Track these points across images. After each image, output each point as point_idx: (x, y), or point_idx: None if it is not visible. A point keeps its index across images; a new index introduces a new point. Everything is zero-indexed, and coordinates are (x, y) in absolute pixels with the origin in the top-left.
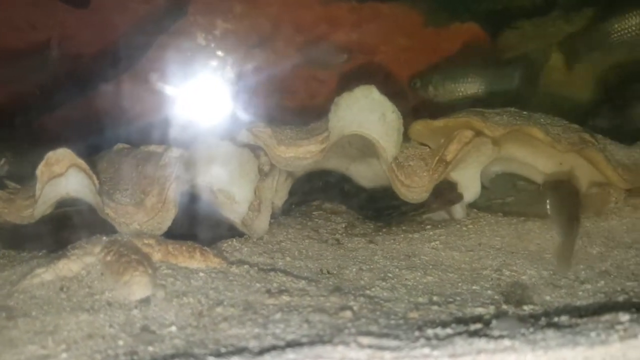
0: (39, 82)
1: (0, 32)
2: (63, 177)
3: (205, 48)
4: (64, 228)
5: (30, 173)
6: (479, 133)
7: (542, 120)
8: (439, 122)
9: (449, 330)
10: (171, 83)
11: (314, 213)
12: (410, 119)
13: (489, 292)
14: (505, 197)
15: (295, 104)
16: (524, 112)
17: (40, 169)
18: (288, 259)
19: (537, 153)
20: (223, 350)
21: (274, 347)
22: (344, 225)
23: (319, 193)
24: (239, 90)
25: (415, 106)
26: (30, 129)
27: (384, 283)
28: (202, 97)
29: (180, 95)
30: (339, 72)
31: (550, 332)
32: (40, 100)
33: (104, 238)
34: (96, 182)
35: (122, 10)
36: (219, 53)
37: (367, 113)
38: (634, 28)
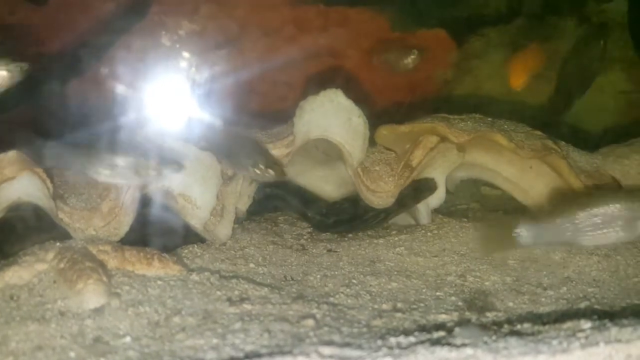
0: None
1: None
2: (15, 180)
3: (170, 49)
4: (13, 234)
5: None
6: (444, 139)
7: (505, 126)
8: (405, 128)
9: (411, 339)
10: (132, 84)
11: (279, 218)
12: (376, 123)
13: (453, 298)
14: (470, 202)
15: (262, 107)
16: (488, 119)
17: None
18: (251, 265)
19: (501, 159)
20: None
21: (232, 359)
22: (309, 230)
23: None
24: (203, 92)
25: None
26: None
27: (348, 290)
28: (164, 99)
29: (140, 97)
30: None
31: (512, 340)
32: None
33: (58, 244)
34: (50, 185)
35: (83, 8)
36: (184, 54)
37: (332, 117)
38: None
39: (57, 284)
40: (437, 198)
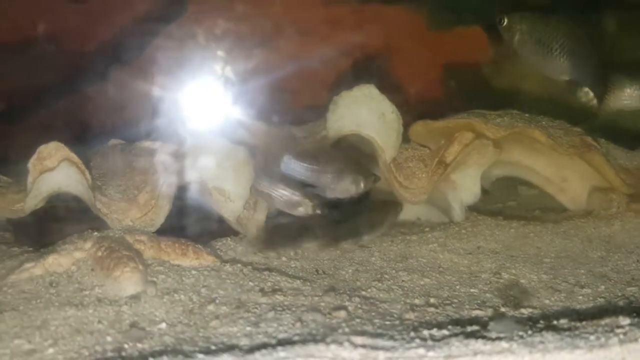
0: (35, 77)
1: None
2: (55, 171)
3: (205, 47)
4: (53, 223)
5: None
6: (480, 135)
7: (543, 122)
8: (440, 123)
9: (445, 332)
10: (169, 80)
11: None
12: (408, 120)
13: (487, 295)
14: (506, 200)
15: (297, 104)
16: (526, 115)
17: (32, 163)
18: (283, 259)
19: (538, 156)
20: (213, 347)
21: (264, 345)
22: None
23: None
24: (238, 89)
25: None
26: (27, 123)
27: (380, 284)
28: (199, 95)
29: (177, 93)
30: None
31: (548, 335)
32: (36, 95)
33: (95, 233)
34: (88, 177)
35: (122, 6)
36: (219, 52)
37: (365, 112)
38: None
39: (94, 272)
40: (471, 195)
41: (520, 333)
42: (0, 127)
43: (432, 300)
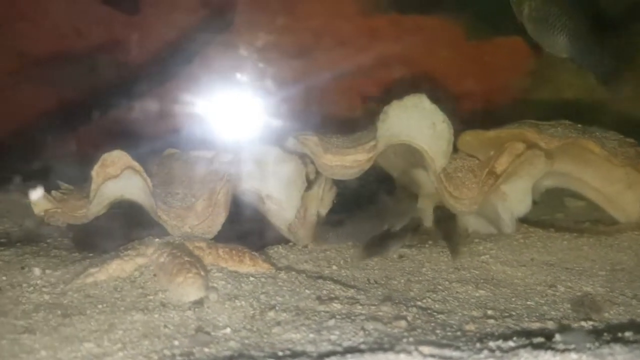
0: (88, 87)
1: (53, 38)
2: (118, 178)
3: (248, 58)
4: (115, 228)
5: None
6: (531, 145)
7: (597, 133)
8: (491, 134)
9: (511, 343)
10: (217, 92)
11: None
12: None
13: (545, 307)
14: (553, 212)
15: (337, 114)
16: (578, 125)
17: (96, 170)
18: (334, 267)
19: (588, 167)
20: (280, 353)
21: (333, 353)
22: None
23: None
24: (282, 99)
25: None
26: (80, 132)
27: (434, 295)
28: (246, 105)
29: (225, 103)
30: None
31: (617, 347)
32: (89, 104)
33: (156, 240)
34: (150, 184)
35: (170, 18)
36: (261, 64)
37: (416, 122)
38: None
39: (157, 277)
40: (523, 207)
41: (588, 344)
42: (60, 132)
43: (489, 312)
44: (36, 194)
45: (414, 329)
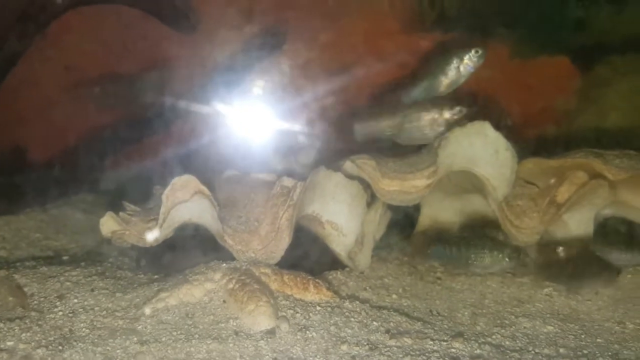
0: (143, 104)
1: (108, 57)
2: (189, 202)
3: (288, 76)
4: (182, 252)
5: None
6: (595, 175)
7: None
8: (554, 162)
9: None
10: (273, 112)
11: (407, 248)
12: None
13: (616, 346)
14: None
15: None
16: None
17: (166, 194)
18: (394, 296)
19: None
20: None
21: None
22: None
23: None
24: (329, 121)
25: None
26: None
27: (503, 330)
28: (302, 125)
29: (281, 124)
30: None
31: None
32: (143, 122)
33: (223, 264)
34: (217, 209)
35: (225, 37)
36: (302, 82)
37: (478, 149)
38: None
39: (226, 304)
40: (584, 236)
41: None
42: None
43: (561, 350)
44: (105, 216)
45: None
